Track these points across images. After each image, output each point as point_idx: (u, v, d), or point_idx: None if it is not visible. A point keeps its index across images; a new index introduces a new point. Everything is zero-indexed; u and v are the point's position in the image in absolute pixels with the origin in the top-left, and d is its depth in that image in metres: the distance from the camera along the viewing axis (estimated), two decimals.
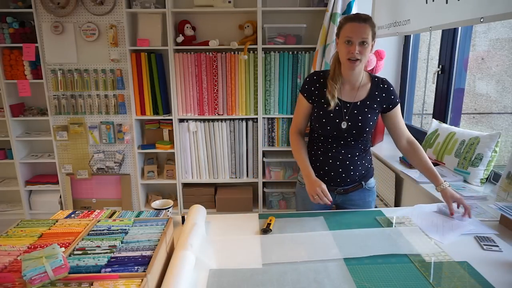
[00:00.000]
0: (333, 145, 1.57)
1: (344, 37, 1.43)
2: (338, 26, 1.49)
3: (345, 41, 1.42)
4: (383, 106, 1.55)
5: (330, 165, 1.57)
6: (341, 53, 1.46)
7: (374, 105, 1.54)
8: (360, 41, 1.41)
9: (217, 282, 1.05)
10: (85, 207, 3.26)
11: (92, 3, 2.85)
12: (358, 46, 1.41)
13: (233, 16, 3.03)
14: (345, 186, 1.61)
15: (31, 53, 2.86)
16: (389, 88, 1.56)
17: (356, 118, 1.51)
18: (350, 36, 1.41)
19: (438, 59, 2.41)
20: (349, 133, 1.53)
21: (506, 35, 2.46)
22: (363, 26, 1.40)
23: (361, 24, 1.40)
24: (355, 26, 1.41)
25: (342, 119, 1.52)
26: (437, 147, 2.13)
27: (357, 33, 1.40)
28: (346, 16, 1.48)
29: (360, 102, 1.53)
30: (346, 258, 1.16)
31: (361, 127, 1.52)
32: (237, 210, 3.09)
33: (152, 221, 1.19)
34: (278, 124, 3.09)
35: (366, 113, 1.52)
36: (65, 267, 0.87)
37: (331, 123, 1.52)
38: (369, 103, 1.53)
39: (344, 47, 1.43)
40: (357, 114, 1.52)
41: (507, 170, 1.58)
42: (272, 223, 1.39)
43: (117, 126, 3.11)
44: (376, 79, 1.57)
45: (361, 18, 1.42)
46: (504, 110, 2.65)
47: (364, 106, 1.52)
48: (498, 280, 1.03)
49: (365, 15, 1.43)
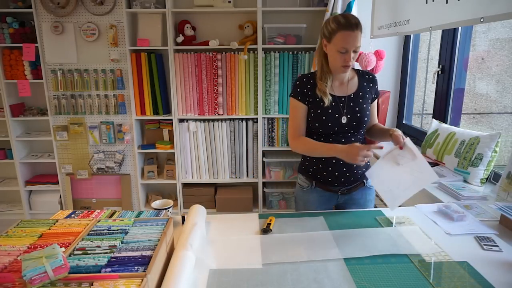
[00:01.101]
0: (335, 143, 1.56)
1: (338, 46, 1.43)
2: (328, 30, 1.45)
3: (339, 50, 1.43)
4: (372, 95, 1.62)
5: (334, 165, 1.57)
6: (334, 59, 1.48)
7: (366, 95, 1.59)
8: (354, 49, 1.44)
9: (217, 282, 1.05)
10: (85, 207, 3.26)
11: (92, 3, 2.85)
12: (352, 53, 1.44)
13: (233, 16, 3.03)
14: (349, 186, 1.61)
15: (31, 53, 2.86)
16: (374, 78, 1.64)
17: (353, 110, 1.55)
18: (345, 47, 1.42)
19: (438, 59, 2.41)
20: (350, 127, 1.55)
21: (506, 35, 2.46)
22: (356, 34, 1.41)
23: (354, 32, 1.41)
24: (349, 35, 1.41)
25: (341, 113, 1.54)
26: (437, 147, 2.13)
27: (352, 43, 1.42)
28: (337, 21, 1.43)
29: (353, 94, 1.57)
30: (346, 258, 1.16)
31: (360, 118, 1.55)
32: (237, 210, 3.09)
33: (152, 221, 1.19)
34: (278, 124, 3.09)
35: (361, 104, 1.56)
36: (65, 267, 0.87)
37: (331, 119, 1.53)
38: (361, 94, 1.58)
39: (338, 55, 1.45)
40: (353, 106, 1.55)
41: (507, 170, 1.58)
42: (272, 223, 1.39)
43: (117, 126, 3.12)
44: (360, 71, 1.63)
45: (352, 24, 1.41)
46: (504, 110, 2.65)
47: (358, 97, 1.57)
48: (498, 280, 1.03)
49: (355, 19, 1.42)
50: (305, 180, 1.67)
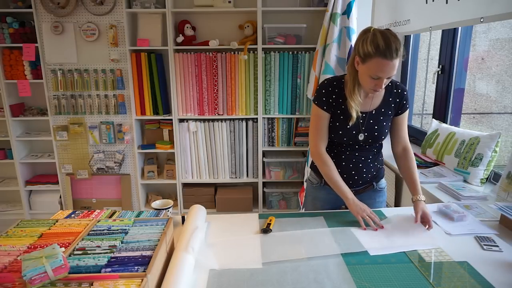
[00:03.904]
0: (348, 148, 1.54)
1: (371, 72, 1.31)
2: (364, 51, 1.31)
3: (372, 77, 1.32)
4: (396, 111, 1.51)
5: (343, 168, 1.54)
6: (365, 82, 1.37)
7: (388, 112, 1.49)
8: (388, 77, 1.33)
9: (217, 282, 1.05)
10: (85, 207, 3.26)
11: (92, 3, 2.85)
12: (385, 79, 1.33)
13: (233, 16, 3.02)
14: (357, 188, 1.58)
15: (31, 53, 2.86)
16: (403, 92, 1.49)
17: (372, 127, 1.47)
18: (379, 75, 1.31)
19: (438, 59, 2.41)
20: (365, 143, 1.50)
21: (506, 35, 2.46)
22: (394, 63, 1.28)
23: (392, 61, 1.27)
24: (386, 64, 1.28)
25: (359, 131, 1.47)
26: (437, 147, 2.13)
27: (387, 72, 1.30)
28: (375, 45, 1.28)
29: (374, 110, 1.47)
30: (346, 258, 1.16)
31: (378, 136, 1.49)
32: (237, 210, 3.09)
33: (152, 221, 1.19)
34: (278, 124, 3.09)
35: (381, 121, 1.48)
36: (65, 267, 0.87)
37: (348, 135, 1.48)
38: (384, 110, 1.48)
39: (369, 79, 1.34)
40: (373, 123, 1.47)
41: (507, 170, 1.58)
42: (272, 223, 1.39)
43: (117, 126, 3.11)
44: (390, 84, 1.48)
45: (392, 52, 1.26)
46: (504, 110, 2.65)
47: (379, 114, 1.47)
48: (498, 280, 1.03)
49: (396, 43, 1.27)
50: (315, 177, 1.66)
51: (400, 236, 1.30)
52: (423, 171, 2.02)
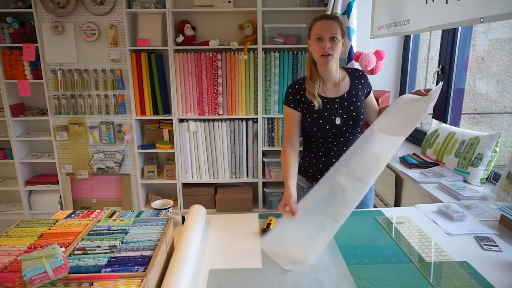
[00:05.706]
0: (334, 143, 1.59)
1: (314, 35, 1.50)
2: (308, 27, 1.56)
3: (316, 38, 1.49)
4: (365, 92, 1.64)
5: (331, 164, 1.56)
6: (314, 51, 1.52)
7: (359, 93, 1.60)
8: (330, 37, 1.47)
9: (217, 282, 1.05)
10: (85, 207, 3.26)
11: (92, 3, 2.85)
12: (329, 42, 1.47)
13: (233, 16, 3.02)
14: None
15: (31, 53, 2.86)
16: (363, 74, 1.65)
17: (348, 109, 1.57)
18: (320, 33, 1.47)
19: (438, 59, 2.41)
20: (346, 126, 1.57)
21: (506, 35, 2.46)
22: (331, 23, 1.48)
23: (329, 21, 1.48)
24: (324, 23, 1.48)
25: (336, 115, 1.56)
26: (437, 147, 2.13)
27: (327, 30, 1.47)
28: (315, 17, 1.54)
29: (346, 94, 1.58)
30: (346, 257, 1.16)
31: (356, 117, 1.57)
32: (237, 210, 3.09)
33: (152, 221, 1.19)
34: (278, 124, 3.09)
35: (355, 102, 1.58)
36: (65, 267, 0.87)
37: (328, 121, 1.55)
38: (354, 92, 1.59)
39: (316, 44, 1.50)
40: (347, 105, 1.57)
41: (507, 170, 1.58)
42: (272, 223, 1.39)
43: (117, 126, 3.11)
44: (350, 70, 1.66)
45: (328, 16, 1.54)
46: (504, 110, 2.65)
47: (351, 96, 1.58)
48: (498, 280, 1.03)
49: (332, 14, 1.52)
50: (305, 181, 1.67)
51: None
52: (423, 171, 2.02)
